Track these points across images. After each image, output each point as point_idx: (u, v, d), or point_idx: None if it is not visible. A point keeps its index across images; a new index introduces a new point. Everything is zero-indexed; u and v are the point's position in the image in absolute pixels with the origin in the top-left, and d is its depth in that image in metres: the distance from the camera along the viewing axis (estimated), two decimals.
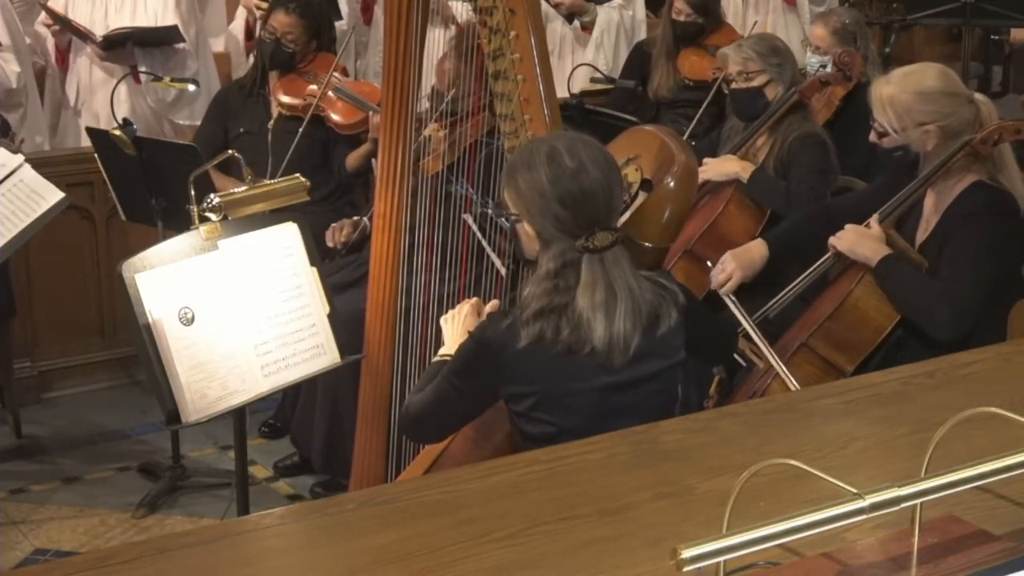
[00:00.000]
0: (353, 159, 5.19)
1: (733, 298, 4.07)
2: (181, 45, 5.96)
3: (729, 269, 4.12)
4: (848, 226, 3.91)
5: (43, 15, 6.07)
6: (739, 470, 1.65)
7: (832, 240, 3.92)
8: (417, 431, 3.37)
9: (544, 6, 6.02)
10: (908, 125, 3.88)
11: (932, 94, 3.89)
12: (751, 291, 4.17)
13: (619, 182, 3.08)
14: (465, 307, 3.33)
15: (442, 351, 3.30)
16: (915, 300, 3.75)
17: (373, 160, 5.00)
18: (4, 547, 4.13)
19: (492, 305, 3.35)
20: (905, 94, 3.89)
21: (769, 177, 4.70)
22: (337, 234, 4.82)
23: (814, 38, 5.59)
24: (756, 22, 7.20)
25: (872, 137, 4.01)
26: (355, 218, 4.85)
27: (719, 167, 4.76)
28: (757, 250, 4.18)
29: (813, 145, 4.81)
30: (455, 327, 3.30)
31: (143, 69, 5.86)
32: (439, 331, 3.41)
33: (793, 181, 4.68)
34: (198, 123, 5.90)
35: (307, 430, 4.94)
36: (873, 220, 3.89)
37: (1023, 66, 7.05)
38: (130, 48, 5.87)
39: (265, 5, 5.81)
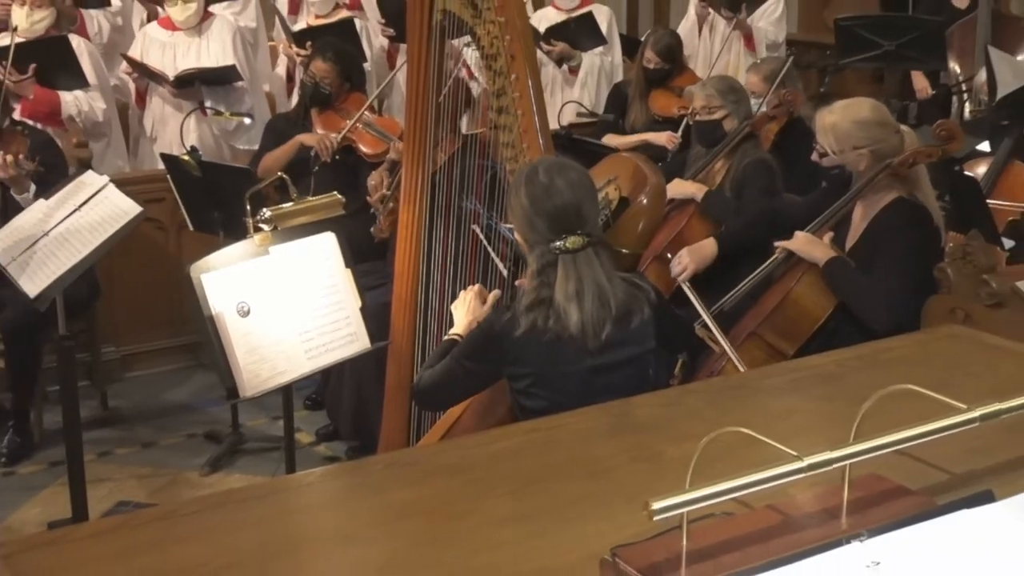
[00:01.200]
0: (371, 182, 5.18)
1: (692, 289, 4.06)
2: (239, 83, 5.95)
3: (685, 261, 4.13)
4: (799, 232, 3.91)
5: (124, 64, 6.06)
6: (700, 437, 1.65)
7: (784, 243, 3.92)
8: (427, 401, 3.38)
9: (538, 52, 6.00)
10: (846, 148, 3.89)
11: (867, 123, 3.90)
12: (708, 288, 4.16)
13: (590, 198, 3.07)
14: (471, 293, 3.34)
15: (452, 331, 3.30)
16: (858, 297, 3.76)
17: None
18: (93, 500, 4.12)
19: (494, 295, 3.36)
20: (845, 122, 3.90)
21: (721, 196, 4.70)
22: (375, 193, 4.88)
23: (749, 84, 5.58)
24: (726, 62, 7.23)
25: (814, 157, 4.02)
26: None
27: (679, 188, 4.77)
28: (709, 247, 4.19)
29: (763, 169, 4.82)
30: (463, 310, 3.31)
31: (208, 104, 5.87)
32: (452, 321, 3.42)
33: (744, 200, 4.69)
34: (254, 148, 5.89)
35: (337, 404, 4.95)
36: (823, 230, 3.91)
37: (928, 106, 7.04)
38: (197, 86, 5.87)
39: (305, 53, 5.81)
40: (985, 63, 5.81)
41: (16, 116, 5.10)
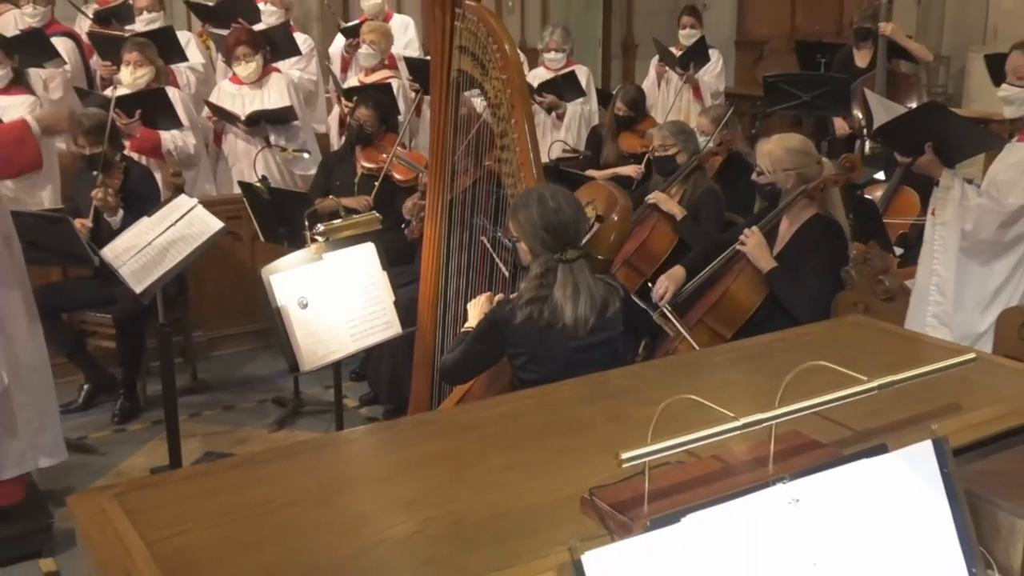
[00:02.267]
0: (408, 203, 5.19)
1: (666, 304, 4.05)
2: (295, 123, 5.94)
3: (664, 286, 4.09)
4: (755, 230, 3.89)
5: (206, 110, 6.06)
6: (659, 402, 1.65)
7: (742, 236, 3.90)
8: (450, 377, 3.39)
9: (532, 103, 6.01)
10: (777, 169, 3.90)
11: (795, 151, 3.91)
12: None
13: (583, 217, 3.10)
14: (483, 298, 3.35)
15: (466, 325, 3.32)
16: (790, 297, 3.76)
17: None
18: (185, 451, 4.13)
19: (499, 298, 3.37)
20: (778, 149, 3.91)
21: (693, 224, 4.75)
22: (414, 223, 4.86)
23: (700, 125, 5.58)
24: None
25: (753, 176, 4.04)
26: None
27: (667, 203, 4.82)
28: (680, 272, 4.14)
29: (713, 197, 4.86)
30: (476, 310, 3.32)
31: (272, 139, 5.86)
32: (465, 312, 3.43)
33: (702, 222, 4.76)
34: (309, 174, 5.90)
35: (376, 376, 4.95)
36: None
37: (838, 143, 7.04)
38: (263, 124, 5.86)
39: (351, 105, 5.82)
40: (861, 100, 5.81)
41: (126, 152, 5.10)
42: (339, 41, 7.29)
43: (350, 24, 7.36)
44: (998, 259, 3.28)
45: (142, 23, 6.61)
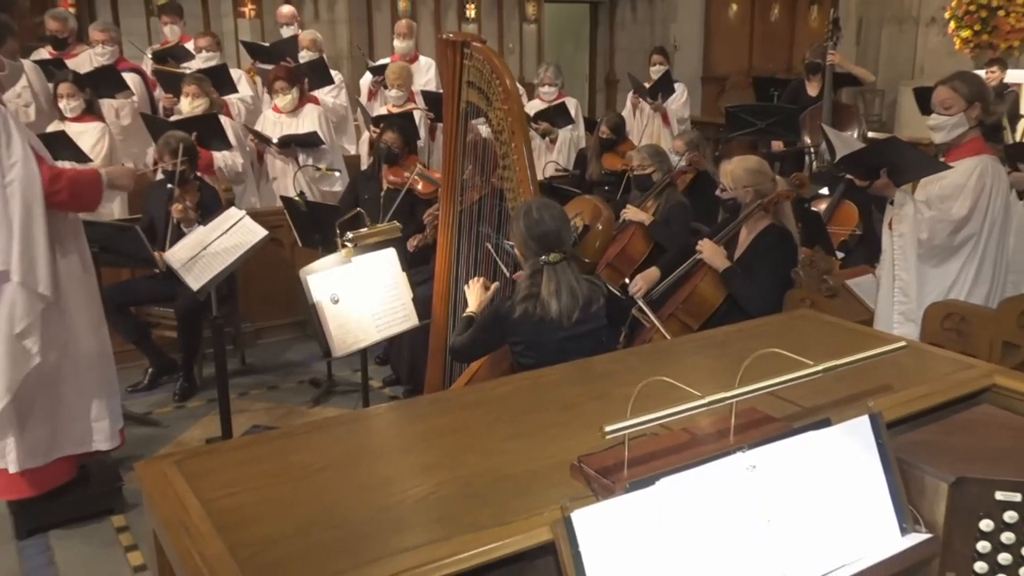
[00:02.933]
0: (428, 213, 5.18)
1: (641, 299, 4.06)
2: (323, 146, 5.94)
3: (640, 284, 4.09)
4: (708, 242, 3.90)
5: (250, 136, 6.07)
6: (636, 383, 1.65)
7: (699, 246, 3.91)
8: (459, 357, 3.40)
9: (529, 129, 6.01)
10: (738, 186, 3.90)
11: (753, 170, 3.91)
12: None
13: (566, 226, 3.11)
14: (477, 283, 3.37)
15: (468, 310, 3.33)
16: (745, 294, 3.76)
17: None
18: (235, 424, 4.13)
19: (495, 286, 3.39)
20: (739, 169, 3.91)
21: (664, 227, 4.72)
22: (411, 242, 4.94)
23: (674, 147, 5.59)
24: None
25: (718, 191, 4.04)
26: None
27: (634, 213, 4.80)
28: (654, 274, 4.13)
29: (682, 209, 4.85)
30: (472, 294, 3.34)
31: (302, 159, 5.86)
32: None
33: (673, 228, 4.73)
34: (335, 189, 5.91)
35: (397, 361, 4.95)
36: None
37: (789, 162, 7.04)
38: (293, 147, 5.86)
39: (377, 131, 5.82)
40: (824, 137, 5.83)
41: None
42: (367, 76, 7.30)
43: (378, 63, 7.36)
44: (950, 261, 3.31)
45: (200, 60, 6.61)
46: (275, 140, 5.84)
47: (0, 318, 3.20)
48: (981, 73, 5.83)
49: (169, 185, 4.69)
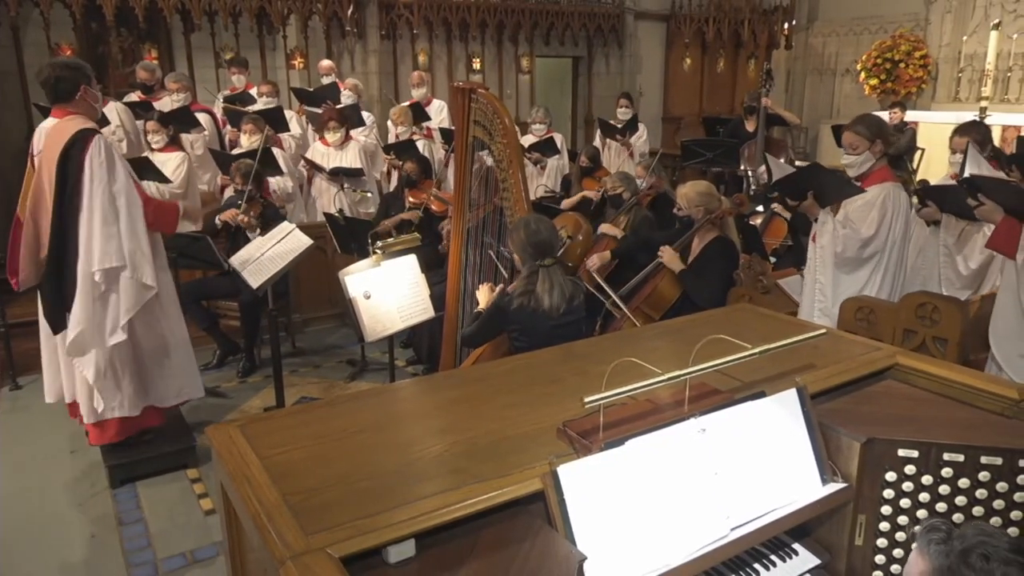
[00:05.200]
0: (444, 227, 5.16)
1: (607, 283, 4.05)
2: (364, 177, 5.92)
3: (595, 260, 4.12)
4: (668, 248, 3.89)
5: (303, 162, 6.04)
6: (610, 362, 1.65)
7: (660, 252, 3.90)
8: (469, 343, 3.36)
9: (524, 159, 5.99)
10: (691, 205, 3.89)
11: (703, 193, 3.90)
12: (615, 283, 4.16)
13: (557, 237, 3.09)
14: (486, 287, 3.35)
15: (479, 307, 3.31)
16: (697, 291, 3.75)
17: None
18: (288, 396, 4.13)
19: (500, 289, 3.36)
20: (691, 192, 3.90)
21: (627, 240, 4.70)
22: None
23: (638, 172, 5.57)
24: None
25: (675, 210, 4.03)
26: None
27: (607, 228, 4.77)
28: (606, 254, 4.18)
29: (646, 223, 4.83)
30: (482, 295, 3.32)
31: (346, 185, 5.84)
32: (476, 300, 3.42)
33: (640, 234, 4.71)
34: (371, 211, 5.87)
35: (418, 344, 4.92)
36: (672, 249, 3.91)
37: (733, 187, 7.04)
38: (341, 176, 5.85)
39: (396, 162, 5.82)
40: (764, 163, 5.83)
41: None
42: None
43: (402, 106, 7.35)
44: (859, 269, 3.31)
45: (262, 103, 6.58)
46: (327, 169, 5.82)
47: (110, 303, 3.23)
48: (884, 114, 5.84)
49: (239, 202, 4.69)
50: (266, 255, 3.88)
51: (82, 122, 3.19)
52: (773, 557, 1.76)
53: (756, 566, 1.73)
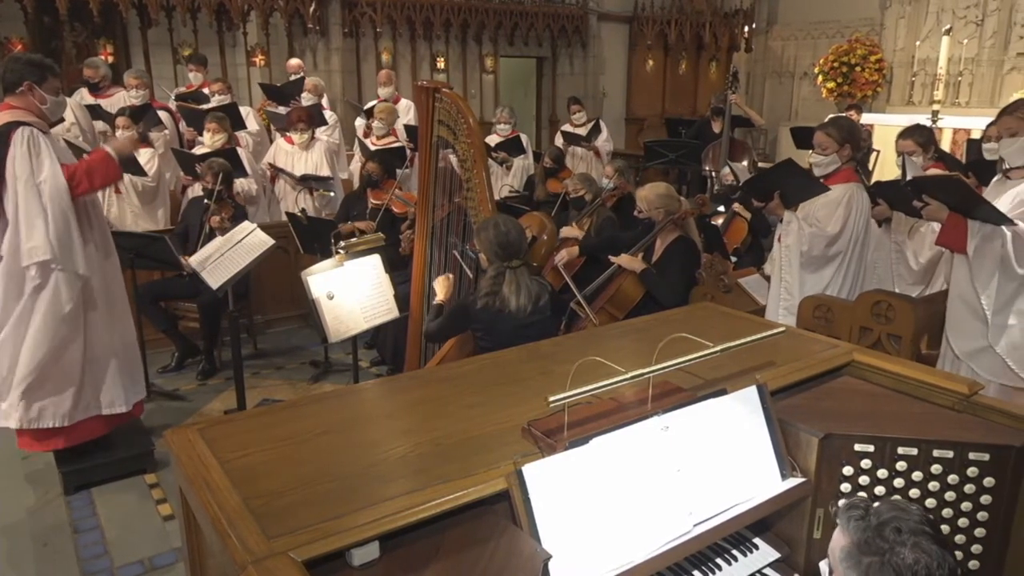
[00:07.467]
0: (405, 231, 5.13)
1: (571, 280, 4.07)
2: (331, 180, 5.87)
3: (563, 254, 4.18)
4: (624, 255, 3.92)
5: (265, 163, 5.95)
6: (574, 361, 1.66)
7: (615, 259, 3.93)
8: (432, 339, 3.34)
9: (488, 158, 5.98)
10: (651, 207, 3.92)
11: (662, 195, 3.93)
12: (580, 283, 4.18)
13: (524, 238, 3.09)
14: (443, 279, 3.34)
15: (437, 299, 3.30)
16: (659, 291, 3.79)
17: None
18: (249, 398, 4.07)
19: (452, 278, 3.37)
20: (651, 194, 3.93)
21: (591, 239, 4.72)
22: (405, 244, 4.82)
23: (605, 174, 5.61)
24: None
25: (636, 212, 4.05)
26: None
27: (568, 231, 4.79)
28: (574, 249, 4.22)
29: (610, 222, 4.86)
30: (440, 286, 3.32)
31: (312, 186, 5.77)
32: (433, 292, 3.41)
33: (604, 234, 4.73)
34: (334, 210, 5.80)
35: (382, 345, 4.89)
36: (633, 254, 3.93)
37: (695, 187, 7.13)
38: (309, 182, 5.78)
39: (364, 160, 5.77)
40: (728, 168, 5.92)
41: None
42: (360, 120, 7.24)
43: (368, 107, 7.31)
44: (825, 268, 3.37)
45: (215, 101, 6.47)
46: (294, 171, 5.74)
47: (41, 303, 3.10)
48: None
49: (206, 201, 4.61)
50: (227, 255, 3.82)
51: (11, 116, 3.08)
52: (735, 552, 1.78)
53: (719, 560, 1.75)
